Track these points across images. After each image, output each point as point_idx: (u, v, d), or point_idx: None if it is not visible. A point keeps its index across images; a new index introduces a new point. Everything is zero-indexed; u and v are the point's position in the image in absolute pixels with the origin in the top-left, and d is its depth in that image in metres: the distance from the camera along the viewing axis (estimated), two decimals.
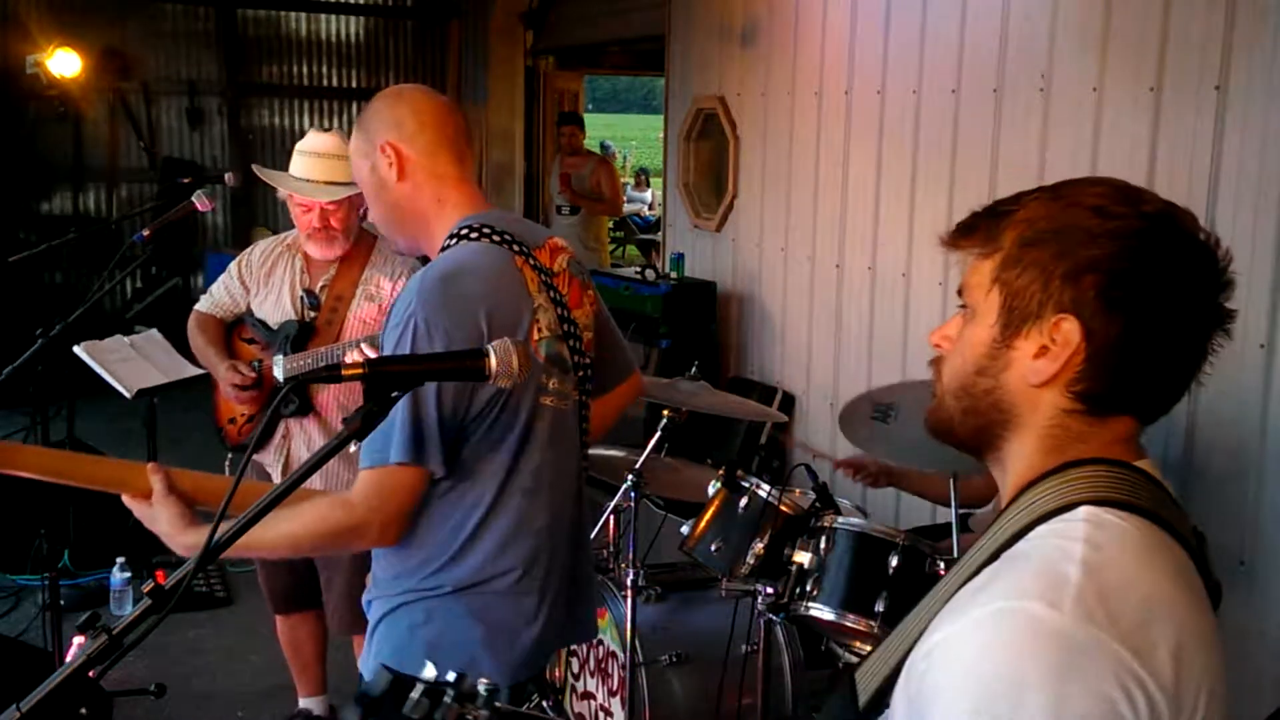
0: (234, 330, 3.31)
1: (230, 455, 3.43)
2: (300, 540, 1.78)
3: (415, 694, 1.02)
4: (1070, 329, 1.02)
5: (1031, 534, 1.01)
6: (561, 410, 1.95)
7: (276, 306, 3.14)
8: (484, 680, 1.02)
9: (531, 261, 1.92)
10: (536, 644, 1.93)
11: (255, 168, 3.36)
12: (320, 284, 3.12)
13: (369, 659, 1.95)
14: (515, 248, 1.90)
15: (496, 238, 1.89)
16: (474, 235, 1.88)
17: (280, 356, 2.91)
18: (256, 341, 3.23)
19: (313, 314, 3.09)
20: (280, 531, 1.74)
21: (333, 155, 3.03)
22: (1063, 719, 0.89)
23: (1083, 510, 1.01)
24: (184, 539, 1.76)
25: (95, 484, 1.82)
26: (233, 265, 3.27)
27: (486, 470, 1.85)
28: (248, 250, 3.30)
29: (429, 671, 1.04)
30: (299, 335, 3.06)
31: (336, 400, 3.10)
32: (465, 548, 1.86)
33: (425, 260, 1.99)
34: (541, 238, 2.00)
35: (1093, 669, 0.90)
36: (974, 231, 1.11)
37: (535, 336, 1.88)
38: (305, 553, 1.94)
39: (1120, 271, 1.01)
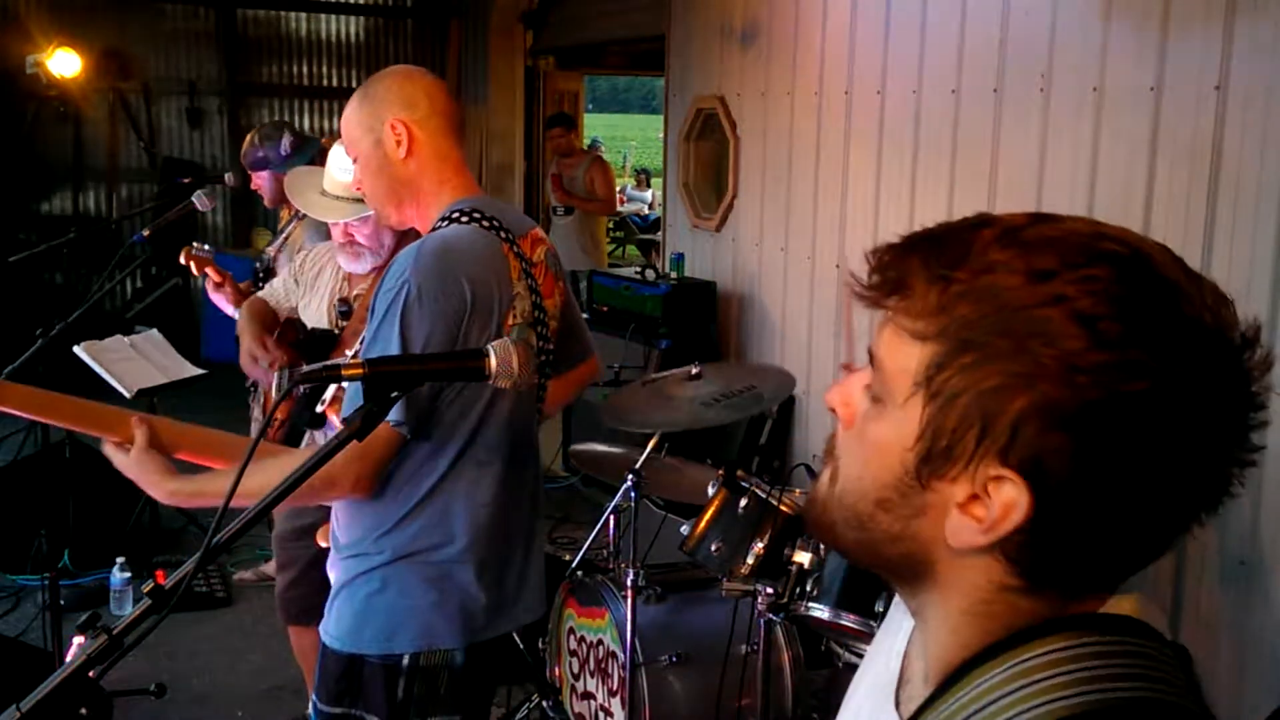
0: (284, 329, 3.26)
1: None
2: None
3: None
4: (1012, 497, 0.71)
5: None
6: (523, 392, 2.01)
7: (317, 312, 3.12)
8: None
9: (515, 249, 2.00)
10: (488, 611, 1.98)
11: (286, 186, 3.28)
12: (356, 292, 3.05)
13: (328, 629, 1.99)
14: (503, 234, 1.98)
15: (486, 223, 1.96)
16: (466, 219, 1.95)
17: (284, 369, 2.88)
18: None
19: (343, 324, 3.02)
20: (260, 480, 1.73)
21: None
22: None
23: None
24: (165, 487, 1.81)
25: (78, 425, 1.89)
26: (295, 259, 3.27)
27: (447, 439, 1.91)
28: (311, 248, 3.28)
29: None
30: (321, 343, 2.99)
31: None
32: (414, 512, 1.92)
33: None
34: (526, 227, 2.08)
35: None
36: (908, 291, 0.76)
37: (509, 321, 1.94)
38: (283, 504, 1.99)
39: (1110, 423, 0.69)
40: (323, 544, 2.21)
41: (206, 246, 3.29)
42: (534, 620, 2.12)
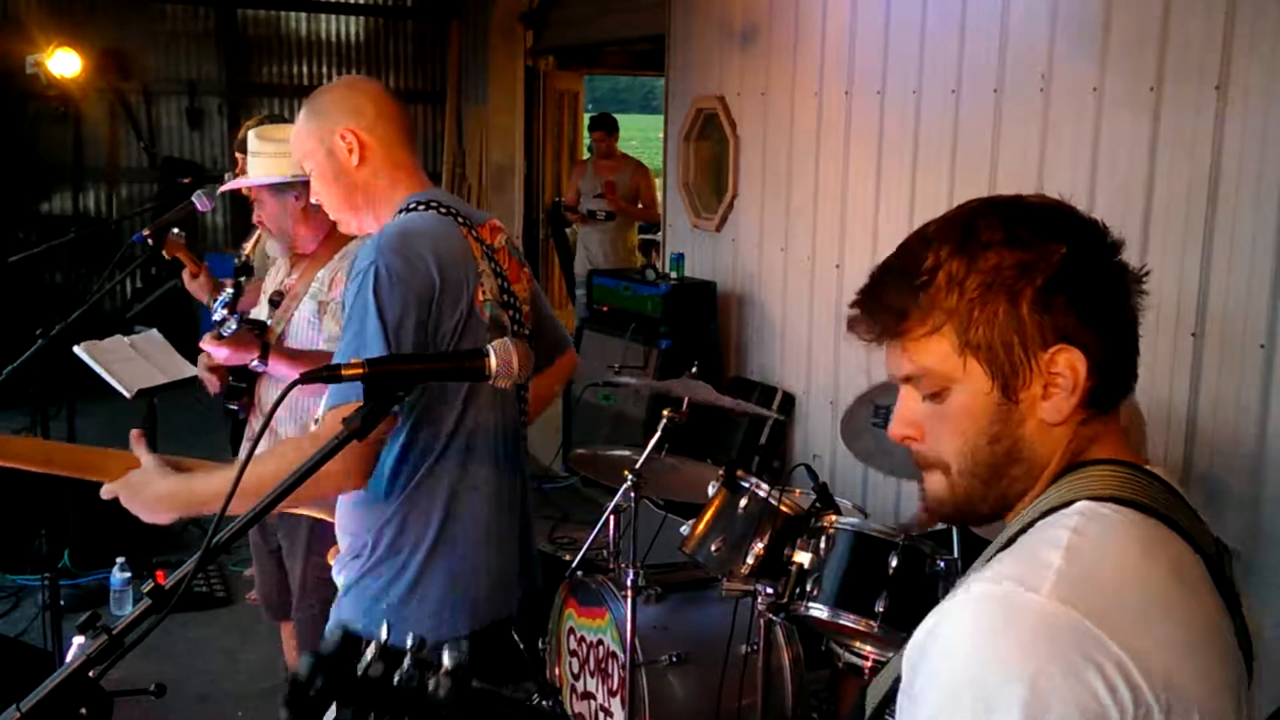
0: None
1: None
2: (268, 483, 1.78)
3: (370, 654, 1.01)
4: (1069, 356, 1.02)
5: (1032, 528, 1.02)
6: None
7: (261, 305, 3.13)
8: (449, 652, 1.02)
9: (474, 234, 2.04)
10: (490, 595, 2.02)
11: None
12: (288, 281, 3.03)
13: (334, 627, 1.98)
14: (459, 219, 2.02)
15: (443, 210, 2.00)
16: (421, 207, 2.00)
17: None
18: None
19: (274, 313, 3.01)
20: (254, 473, 1.72)
21: (261, 153, 2.92)
22: (1041, 695, 0.89)
23: (1080, 504, 1.01)
24: (157, 492, 1.83)
25: (76, 472, 1.90)
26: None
27: (434, 422, 1.94)
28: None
29: (383, 634, 1.04)
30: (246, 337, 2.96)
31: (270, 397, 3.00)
32: (407, 503, 1.95)
33: None
34: (482, 218, 2.12)
35: (1069, 649, 0.90)
36: (905, 317, 1.05)
37: (480, 298, 1.97)
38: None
39: (1074, 280, 1.01)
40: (332, 564, 2.21)
41: (180, 232, 3.27)
42: (534, 589, 2.15)
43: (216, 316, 2.69)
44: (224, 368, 3.03)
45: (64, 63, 7.20)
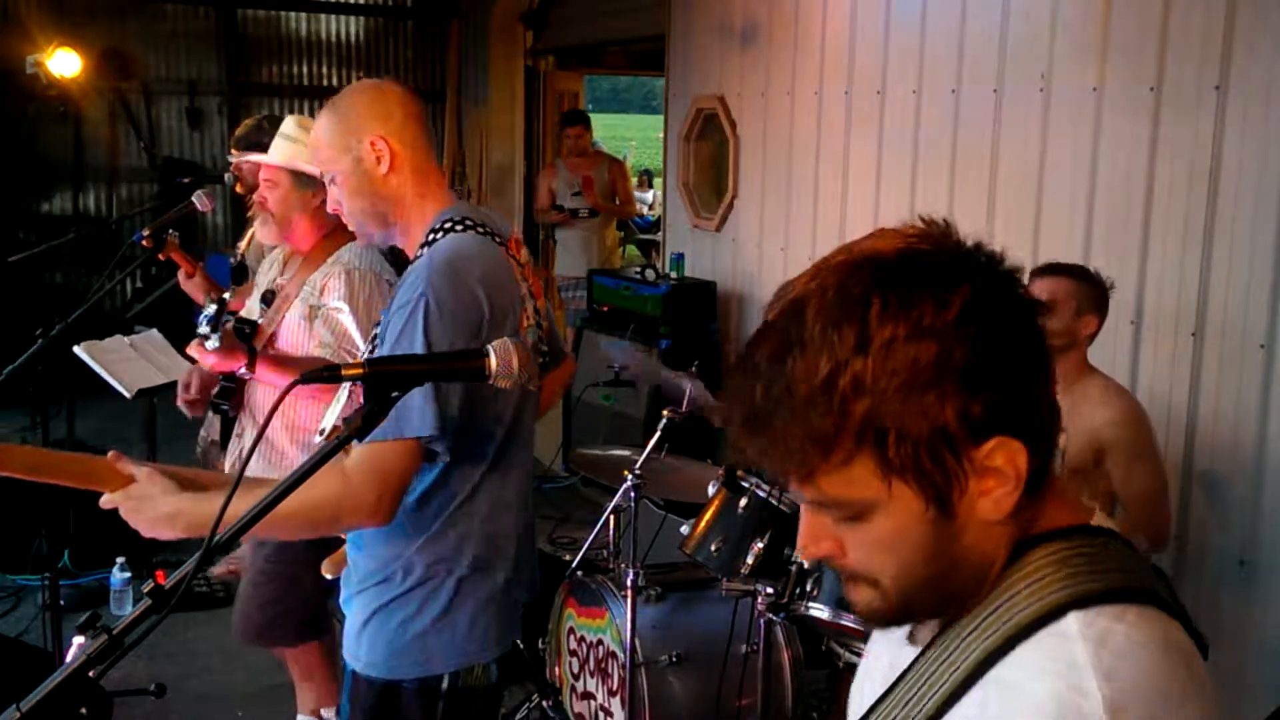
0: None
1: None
2: (297, 516, 1.75)
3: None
4: (1008, 450, 0.86)
5: (1018, 656, 0.87)
6: (535, 396, 2.05)
7: (254, 303, 3.11)
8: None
9: (508, 252, 1.99)
10: (513, 611, 2.01)
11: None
12: (281, 281, 3.01)
13: (358, 654, 1.96)
14: (497, 239, 1.97)
15: (481, 230, 1.95)
16: (460, 227, 1.93)
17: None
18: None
19: (265, 309, 3.00)
20: (279, 508, 1.73)
21: (298, 140, 2.89)
22: None
23: (1073, 621, 0.86)
24: (166, 510, 1.72)
25: (77, 482, 1.79)
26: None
27: (477, 452, 1.90)
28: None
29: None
30: (237, 331, 2.93)
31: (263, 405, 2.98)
32: (445, 529, 1.90)
33: (394, 253, 2.00)
34: (507, 231, 2.06)
35: None
36: (811, 454, 0.85)
37: (524, 324, 1.94)
38: (299, 530, 1.93)
39: (994, 355, 0.85)
40: (329, 576, 2.17)
41: (175, 233, 3.26)
42: (530, 598, 2.12)
43: (202, 330, 2.67)
44: (204, 400, 3.05)
45: (64, 63, 7.20)
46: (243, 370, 2.73)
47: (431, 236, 1.94)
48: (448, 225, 1.94)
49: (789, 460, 0.86)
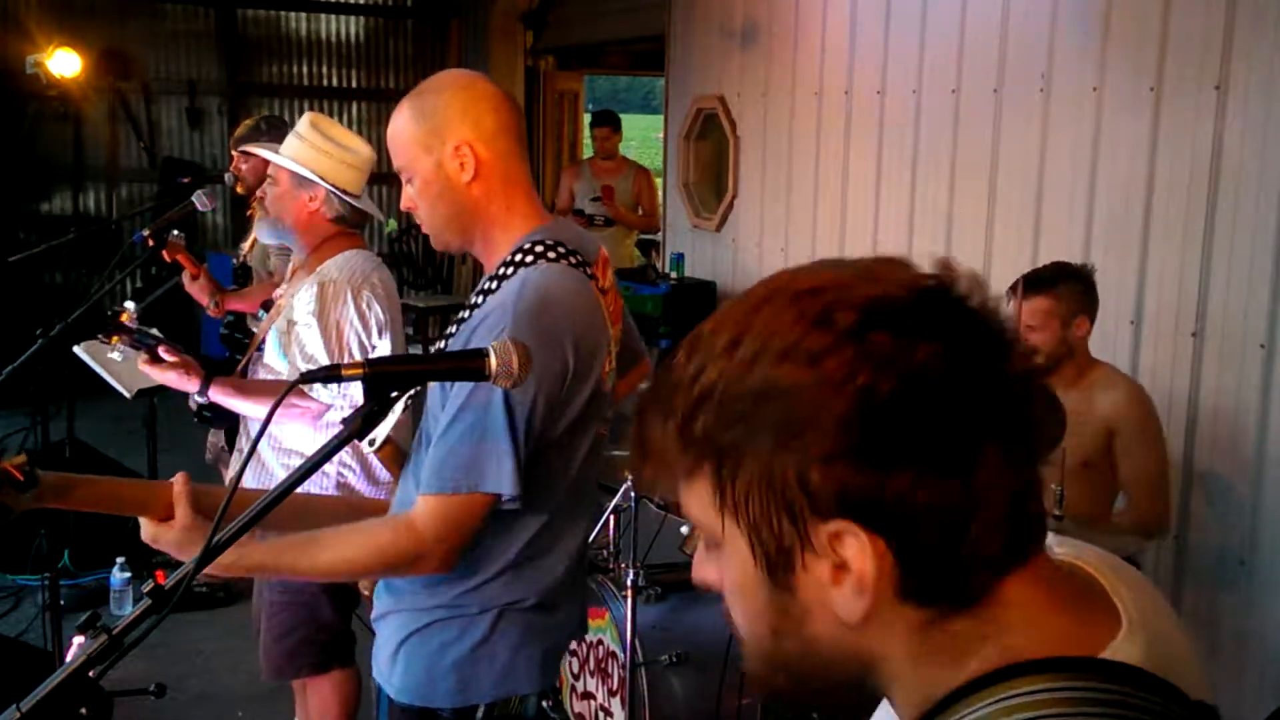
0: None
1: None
2: (358, 566, 1.75)
3: None
4: (858, 541, 0.66)
5: None
6: (601, 445, 1.93)
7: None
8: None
9: (596, 284, 1.86)
10: (558, 649, 1.94)
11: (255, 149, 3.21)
12: (278, 294, 2.99)
13: (391, 677, 1.89)
14: (587, 271, 1.84)
15: (574, 260, 1.81)
16: (553, 256, 1.78)
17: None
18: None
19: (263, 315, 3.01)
20: (339, 556, 1.70)
21: (307, 140, 2.80)
22: None
23: None
24: (220, 561, 1.61)
25: (116, 510, 1.74)
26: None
27: (548, 494, 1.80)
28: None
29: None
30: (229, 341, 2.91)
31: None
32: (513, 567, 1.81)
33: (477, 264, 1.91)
34: (594, 252, 1.92)
35: None
36: (676, 453, 0.72)
37: (607, 368, 1.85)
38: (360, 577, 1.94)
39: (882, 418, 0.64)
40: (365, 593, 2.12)
41: (180, 234, 3.26)
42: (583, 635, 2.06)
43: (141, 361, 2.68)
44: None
45: (64, 63, 7.20)
46: (196, 395, 2.66)
47: (520, 257, 1.79)
48: (539, 249, 1.78)
49: (647, 463, 0.74)
